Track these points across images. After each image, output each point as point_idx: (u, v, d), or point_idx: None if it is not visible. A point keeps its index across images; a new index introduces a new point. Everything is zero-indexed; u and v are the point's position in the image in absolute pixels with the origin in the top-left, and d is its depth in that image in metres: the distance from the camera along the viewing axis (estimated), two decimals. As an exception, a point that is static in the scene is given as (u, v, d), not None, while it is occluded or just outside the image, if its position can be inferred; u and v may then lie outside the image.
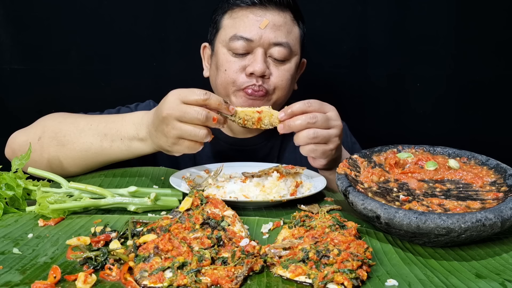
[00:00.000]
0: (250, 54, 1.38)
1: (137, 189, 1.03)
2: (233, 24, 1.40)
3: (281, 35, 1.38)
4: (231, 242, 0.83)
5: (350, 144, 1.60)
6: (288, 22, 1.41)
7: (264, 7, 1.38)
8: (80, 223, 0.95)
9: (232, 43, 1.38)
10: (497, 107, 1.98)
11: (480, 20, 1.91)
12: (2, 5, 1.84)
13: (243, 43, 1.36)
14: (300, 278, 0.73)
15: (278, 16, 1.39)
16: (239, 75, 1.38)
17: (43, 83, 1.91)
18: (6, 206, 1.02)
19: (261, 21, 1.37)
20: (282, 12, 1.40)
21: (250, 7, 1.39)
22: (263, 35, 1.36)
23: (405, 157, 1.08)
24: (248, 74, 1.36)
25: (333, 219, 0.88)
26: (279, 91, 1.41)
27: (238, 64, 1.38)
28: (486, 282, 0.74)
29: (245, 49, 1.37)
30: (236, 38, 1.37)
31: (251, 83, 1.37)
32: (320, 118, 1.14)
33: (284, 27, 1.39)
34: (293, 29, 1.42)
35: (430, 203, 0.90)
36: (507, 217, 0.82)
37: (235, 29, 1.39)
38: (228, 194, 1.07)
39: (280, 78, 1.40)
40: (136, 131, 1.20)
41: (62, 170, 1.26)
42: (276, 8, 1.39)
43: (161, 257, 0.76)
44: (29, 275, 0.74)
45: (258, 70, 1.34)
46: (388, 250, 0.85)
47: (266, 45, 1.37)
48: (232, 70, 1.38)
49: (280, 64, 1.40)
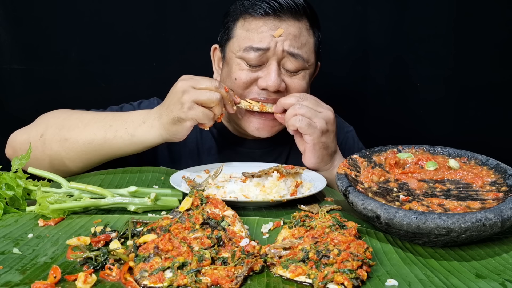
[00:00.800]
0: (264, 66, 1.34)
1: (137, 189, 1.03)
2: (246, 36, 1.35)
3: (295, 46, 1.33)
4: (231, 242, 0.83)
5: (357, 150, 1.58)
6: (303, 33, 1.36)
7: (279, 17, 1.33)
8: (80, 223, 0.95)
9: (246, 54, 1.33)
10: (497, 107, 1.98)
11: (480, 20, 1.91)
12: (2, 5, 1.84)
13: (257, 54, 1.32)
14: (300, 278, 0.73)
15: (293, 26, 1.34)
16: (250, 87, 1.35)
17: (43, 83, 1.91)
18: (6, 206, 1.02)
19: (275, 31, 1.32)
20: (298, 21, 1.35)
21: (263, 17, 1.33)
22: (278, 43, 1.32)
23: (405, 157, 1.08)
24: (261, 88, 1.33)
25: (333, 219, 0.88)
26: None
27: (250, 75, 1.34)
28: (486, 282, 0.74)
29: (259, 60, 1.33)
30: (251, 49, 1.33)
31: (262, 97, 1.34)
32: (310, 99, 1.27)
33: (299, 38, 1.35)
34: (308, 40, 1.37)
35: (430, 203, 0.90)
36: (507, 217, 0.82)
37: (250, 40, 1.33)
38: (228, 194, 1.07)
39: (295, 90, 1.36)
40: (143, 118, 1.24)
41: (64, 166, 1.26)
42: (291, 17, 1.33)
43: (161, 257, 0.76)
44: (29, 275, 0.74)
45: (272, 85, 1.31)
46: (388, 250, 0.85)
47: (280, 54, 1.32)
48: (242, 81, 1.34)
49: (293, 75, 1.36)
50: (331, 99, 1.56)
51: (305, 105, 1.24)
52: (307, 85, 1.40)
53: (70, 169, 1.27)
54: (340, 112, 1.79)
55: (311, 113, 1.24)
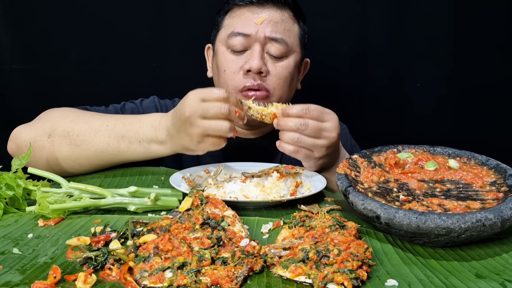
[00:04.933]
0: (248, 50, 1.39)
1: (137, 189, 1.03)
2: (231, 23, 1.41)
3: (277, 30, 1.38)
4: (231, 242, 0.83)
5: (350, 147, 1.59)
6: (286, 20, 1.41)
7: (262, 5, 1.39)
8: (80, 223, 0.95)
9: (230, 40, 1.39)
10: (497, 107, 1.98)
11: (480, 20, 1.91)
12: (2, 5, 1.84)
13: (241, 38, 1.37)
14: (300, 278, 0.73)
15: (276, 13, 1.39)
16: (238, 75, 1.38)
17: (43, 83, 1.91)
18: (6, 206, 1.02)
19: (258, 17, 1.38)
20: (280, 10, 1.40)
21: (247, 5, 1.40)
22: (260, 29, 1.37)
23: (405, 157, 1.08)
24: (245, 71, 1.37)
25: (333, 219, 0.88)
26: (278, 91, 1.41)
27: (236, 63, 1.39)
28: (486, 282, 0.74)
29: (242, 45, 1.38)
30: (234, 34, 1.38)
31: (250, 83, 1.36)
32: (312, 127, 1.14)
33: (281, 24, 1.39)
34: (291, 27, 1.42)
35: (430, 203, 0.90)
36: (507, 217, 0.82)
37: (233, 26, 1.40)
38: (228, 194, 1.07)
39: (277, 77, 1.39)
40: (155, 134, 1.20)
41: (74, 170, 1.26)
42: (273, 6, 1.40)
43: (161, 257, 0.76)
44: (29, 275, 0.74)
45: (255, 67, 1.34)
46: (388, 250, 0.85)
47: (262, 39, 1.37)
48: (230, 70, 1.39)
49: (277, 61, 1.39)
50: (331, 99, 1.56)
51: (306, 135, 1.15)
52: (290, 74, 1.42)
53: (81, 171, 1.27)
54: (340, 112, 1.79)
55: (311, 144, 1.16)
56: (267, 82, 1.38)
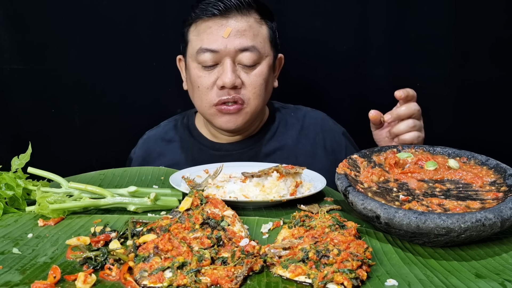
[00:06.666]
0: (219, 65, 1.38)
1: (137, 189, 1.03)
2: (197, 38, 1.40)
3: (246, 40, 1.36)
4: (231, 242, 0.83)
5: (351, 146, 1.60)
6: (253, 25, 1.39)
7: (226, 14, 1.36)
8: (80, 223, 0.95)
9: (200, 57, 1.38)
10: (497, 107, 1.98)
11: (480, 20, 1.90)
12: (2, 5, 1.84)
13: (210, 55, 1.36)
14: (300, 278, 0.73)
15: (241, 21, 1.37)
16: (211, 91, 1.39)
17: (43, 83, 1.91)
18: (6, 206, 1.02)
19: (224, 30, 1.35)
20: (245, 16, 1.38)
21: (211, 18, 1.37)
22: (228, 43, 1.35)
23: (405, 157, 1.08)
24: (220, 87, 1.37)
25: (333, 219, 0.88)
26: (254, 101, 1.41)
27: (209, 79, 1.38)
28: (486, 282, 0.74)
29: (212, 60, 1.37)
30: (202, 51, 1.37)
31: (224, 97, 1.37)
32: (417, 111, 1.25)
33: (249, 31, 1.37)
34: (259, 31, 1.40)
35: (430, 203, 0.90)
36: (506, 217, 0.82)
37: (200, 42, 1.38)
38: (228, 194, 1.07)
39: (252, 86, 1.39)
40: None
41: None
42: (238, 13, 1.37)
43: (161, 257, 0.76)
44: (29, 275, 0.74)
45: (228, 82, 1.35)
46: (388, 250, 0.85)
47: (232, 53, 1.36)
48: (204, 86, 1.39)
49: (250, 70, 1.39)
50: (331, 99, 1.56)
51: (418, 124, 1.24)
52: (264, 80, 1.42)
53: None
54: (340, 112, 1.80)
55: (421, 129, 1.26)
56: (242, 93, 1.39)
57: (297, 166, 1.15)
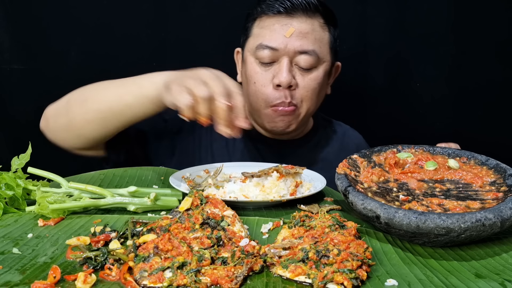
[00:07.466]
0: (276, 63, 1.37)
1: (137, 189, 1.03)
2: (259, 33, 1.39)
3: (307, 43, 1.35)
4: (231, 242, 0.83)
5: None
6: (316, 29, 1.37)
7: (291, 14, 1.35)
8: (80, 223, 0.95)
9: (258, 52, 1.37)
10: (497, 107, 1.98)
11: (480, 20, 1.91)
12: (2, 5, 1.84)
13: (269, 52, 1.36)
14: (300, 278, 0.73)
15: (305, 23, 1.36)
16: (268, 89, 1.38)
17: (43, 83, 1.91)
18: (6, 206, 1.02)
19: (287, 29, 1.34)
20: (310, 18, 1.37)
21: (276, 15, 1.36)
22: (288, 43, 1.34)
23: (405, 157, 1.08)
24: (275, 86, 1.36)
25: (333, 219, 0.88)
26: (306, 103, 1.41)
27: (265, 76, 1.38)
28: (485, 282, 0.74)
29: (270, 58, 1.36)
30: (262, 47, 1.36)
31: (280, 100, 1.37)
32: None
33: (312, 34, 1.36)
34: (321, 35, 1.39)
35: (430, 203, 0.90)
36: (506, 217, 0.82)
37: (261, 38, 1.37)
38: (228, 194, 1.07)
39: (305, 89, 1.38)
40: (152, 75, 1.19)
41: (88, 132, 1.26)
42: (303, 15, 1.36)
43: (161, 257, 0.76)
44: (29, 275, 0.74)
45: (284, 81, 1.34)
46: (388, 250, 0.85)
47: (291, 53, 1.35)
48: (260, 83, 1.38)
49: (306, 73, 1.38)
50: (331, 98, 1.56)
51: None
52: (319, 85, 1.41)
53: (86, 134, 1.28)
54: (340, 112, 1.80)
55: None
56: (296, 97, 1.38)
57: (297, 166, 1.15)
